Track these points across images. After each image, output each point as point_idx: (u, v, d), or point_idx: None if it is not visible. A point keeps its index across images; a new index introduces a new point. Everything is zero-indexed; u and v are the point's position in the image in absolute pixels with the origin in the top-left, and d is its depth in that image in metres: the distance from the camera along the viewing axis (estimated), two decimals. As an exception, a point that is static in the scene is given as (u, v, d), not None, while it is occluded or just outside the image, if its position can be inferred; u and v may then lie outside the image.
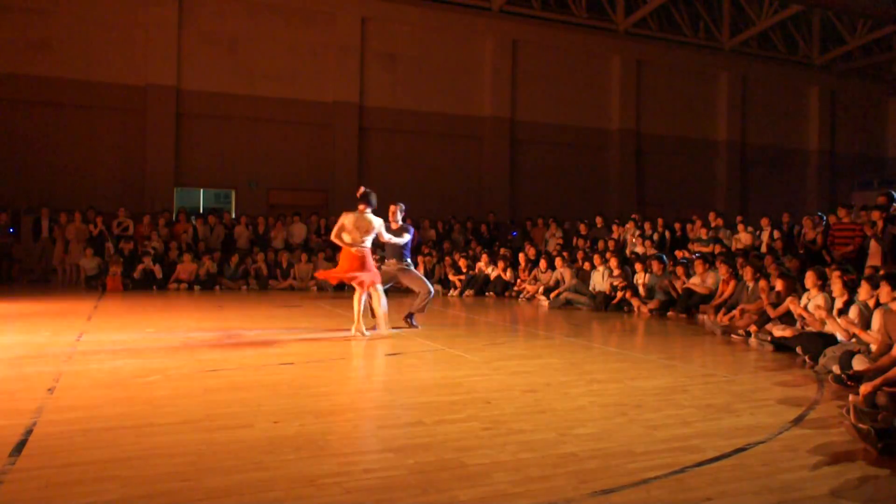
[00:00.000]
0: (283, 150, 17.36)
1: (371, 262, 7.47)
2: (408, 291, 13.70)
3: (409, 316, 8.28)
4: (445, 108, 18.84)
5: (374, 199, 7.43)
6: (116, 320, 8.71)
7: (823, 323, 6.33)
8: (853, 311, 5.96)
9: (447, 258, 14.88)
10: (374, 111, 18.12)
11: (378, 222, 7.42)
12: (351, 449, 3.55)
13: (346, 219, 7.32)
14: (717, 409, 4.42)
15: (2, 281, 13.51)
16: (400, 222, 8.25)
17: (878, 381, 4.34)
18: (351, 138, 17.82)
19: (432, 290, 8.32)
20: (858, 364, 5.19)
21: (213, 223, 15.27)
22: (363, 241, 7.32)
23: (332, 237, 7.44)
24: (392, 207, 8.27)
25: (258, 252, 14.37)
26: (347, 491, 2.91)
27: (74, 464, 3.19)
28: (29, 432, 3.63)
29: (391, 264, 8.14)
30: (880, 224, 9.33)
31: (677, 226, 14.16)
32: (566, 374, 5.56)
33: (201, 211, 16.90)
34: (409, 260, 8.23)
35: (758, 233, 12.81)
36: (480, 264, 13.95)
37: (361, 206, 7.36)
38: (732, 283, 8.97)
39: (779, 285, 7.56)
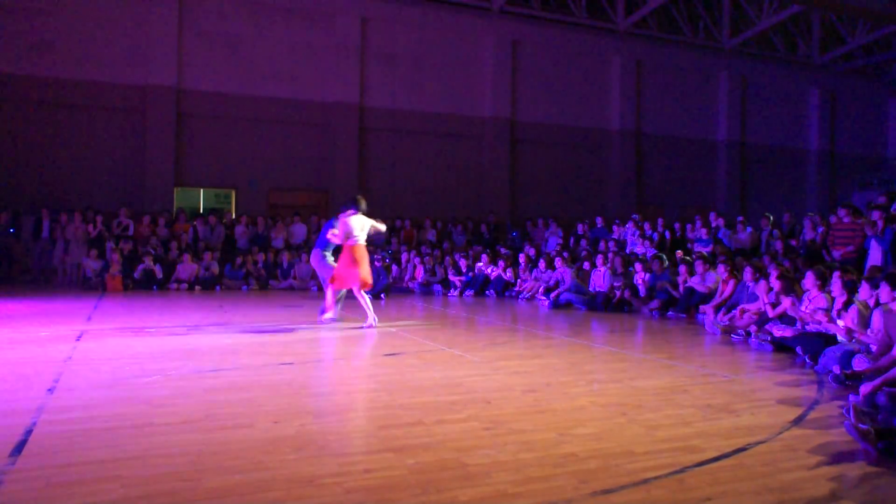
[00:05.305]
0: (283, 150, 17.37)
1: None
2: (405, 291, 13.72)
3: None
4: (445, 108, 18.84)
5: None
6: (116, 320, 8.71)
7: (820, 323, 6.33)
8: (853, 312, 5.96)
9: (447, 258, 14.89)
10: (374, 111, 18.12)
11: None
12: (351, 449, 3.55)
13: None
14: (717, 409, 4.42)
15: (2, 281, 13.51)
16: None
17: (878, 381, 4.35)
18: (351, 138, 17.82)
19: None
20: (858, 364, 5.19)
21: (214, 223, 15.27)
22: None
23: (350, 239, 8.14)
24: None
25: (258, 252, 14.38)
26: (347, 491, 2.91)
27: (74, 464, 3.19)
28: (29, 432, 3.63)
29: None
30: (881, 224, 9.33)
31: (677, 226, 14.17)
32: (566, 374, 5.55)
33: (201, 211, 16.90)
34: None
35: (758, 233, 12.82)
36: (480, 264, 13.95)
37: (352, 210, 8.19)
38: (732, 283, 8.97)
39: (778, 285, 7.56)
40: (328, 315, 8.39)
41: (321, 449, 3.51)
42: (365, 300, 8.19)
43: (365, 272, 8.11)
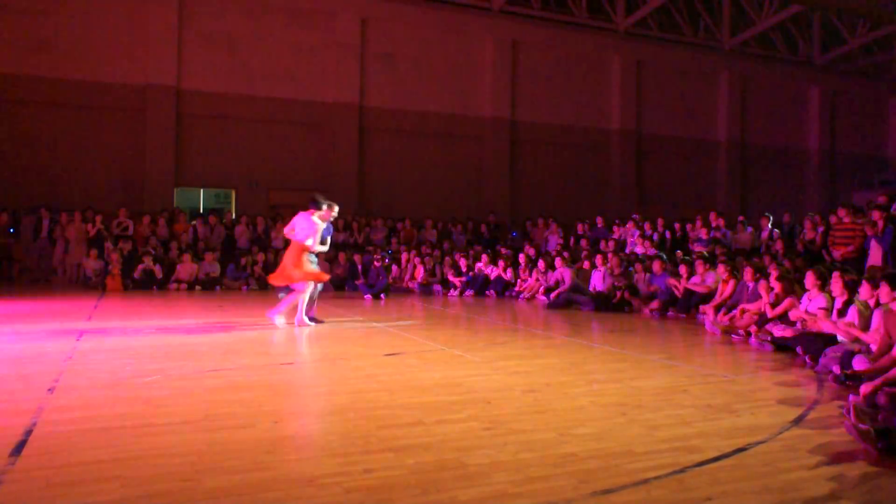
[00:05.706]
0: (283, 150, 17.37)
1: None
2: (405, 291, 13.70)
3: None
4: (445, 108, 18.85)
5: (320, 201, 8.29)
6: (116, 320, 8.71)
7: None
8: (853, 312, 5.96)
9: (447, 258, 14.88)
10: (374, 111, 18.13)
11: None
12: (351, 449, 3.55)
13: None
14: (717, 409, 4.42)
15: (2, 281, 13.51)
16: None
17: (878, 381, 4.35)
18: (351, 138, 17.82)
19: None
20: (858, 364, 5.19)
21: (213, 223, 15.27)
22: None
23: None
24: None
25: (258, 252, 14.37)
26: (347, 491, 2.91)
27: (74, 464, 3.18)
28: (29, 432, 3.63)
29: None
30: (881, 224, 9.32)
31: (677, 226, 14.17)
32: (566, 374, 5.55)
33: (201, 211, 16.90)
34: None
35: (758, 233, 12.82)
36: (480, 264, 13.95)
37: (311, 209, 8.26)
38: (732, 283, 8.97)
39: (778, 286, 7.55)
40: (303, 318, 8.26)
41: (321, 449, 3.51)
42: (287, 299, 8.21)
43: (284, 271, 8.12)
